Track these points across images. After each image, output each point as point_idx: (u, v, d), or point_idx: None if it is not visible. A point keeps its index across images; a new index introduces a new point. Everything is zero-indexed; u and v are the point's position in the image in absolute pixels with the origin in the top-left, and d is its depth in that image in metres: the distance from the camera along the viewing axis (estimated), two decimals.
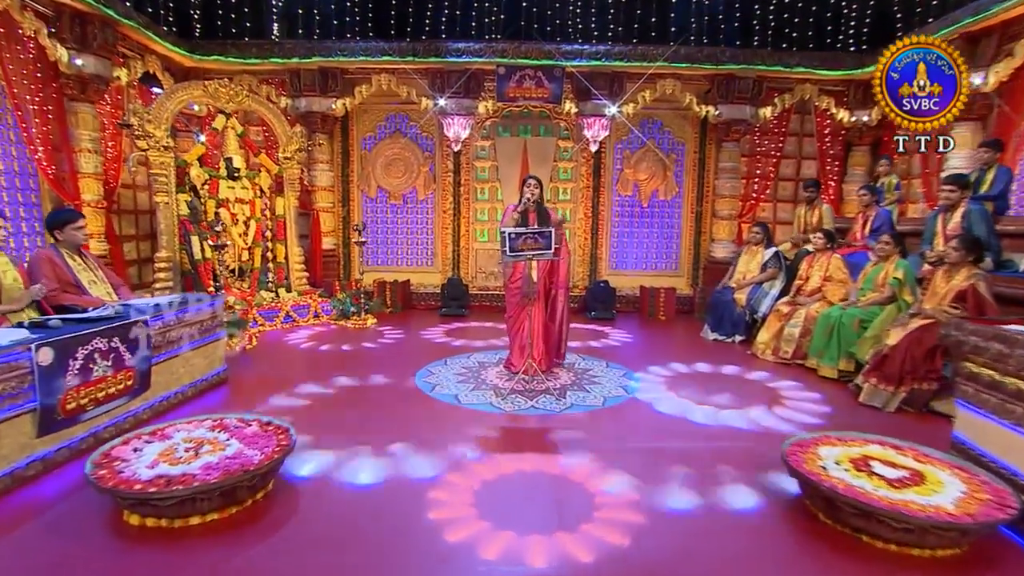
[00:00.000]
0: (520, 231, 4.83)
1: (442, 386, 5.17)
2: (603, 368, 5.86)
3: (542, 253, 4.92)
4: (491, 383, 5.27)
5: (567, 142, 9.39)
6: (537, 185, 5.39)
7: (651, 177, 9.36)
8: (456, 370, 5.70)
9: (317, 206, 9.07)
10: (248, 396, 4.79)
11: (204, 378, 4.82)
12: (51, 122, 6.56)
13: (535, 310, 5.47)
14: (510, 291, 5.62)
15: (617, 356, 6.37)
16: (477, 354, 6.34)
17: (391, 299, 8.82)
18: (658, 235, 9.55)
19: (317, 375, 5.40)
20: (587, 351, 6.56)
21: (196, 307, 4.72)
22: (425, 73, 8.63)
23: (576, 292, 9.17)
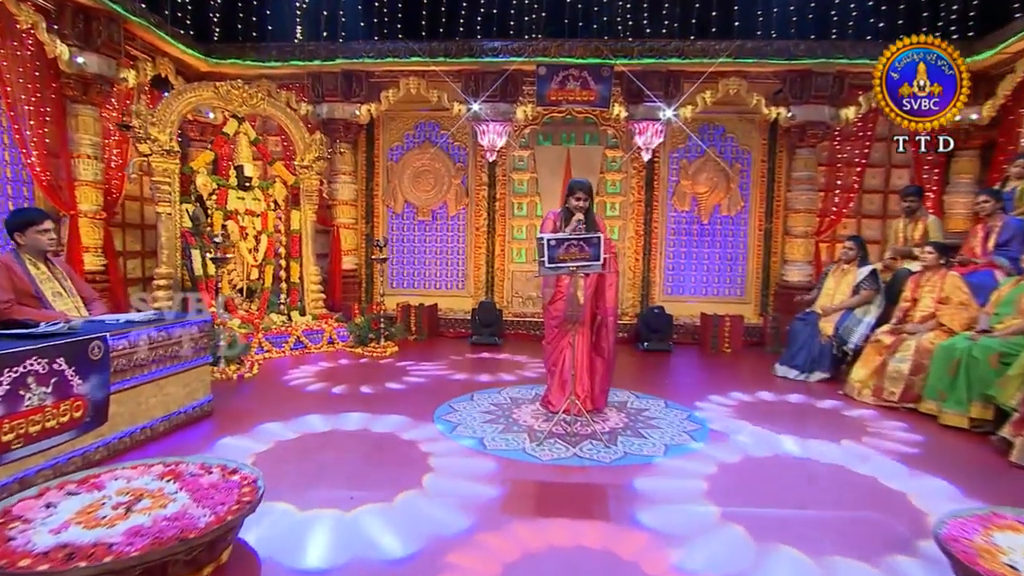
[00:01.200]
0: (562, 237, 4.13)
1: (465, 426, 4.45)
2: (661, 408, 5.04)
3: (589, 265, 4.20)
4: (525, 424, 4.53)
5: (616, 151, 8.72)
6: (586, 196, 4.69)
7: (712, 190, 8.58)
8: (484, 407, 4.98)
9: (337, 221, 8.61)
10: (233, 433, 4.17)
11: (182, 410, 4.24)
12: (48, 124, 6.27)
13: (579, 338, 4.76)
14: (550, 315, 4.91)
15: (677, 393, 5.54)
16: (510, 389, 5.61)
17: (416, 325, 8.19)
18: (721, 256, 8.70)
19: (318, 409, 4.76)
20: (641, 387, 5.75)
21: (175, 325, 4.16)
22: (458, 75, 8.16)
23: (626, 320, 8.37)
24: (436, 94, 8.15)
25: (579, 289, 4.74)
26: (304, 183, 7.80)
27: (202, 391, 4.49)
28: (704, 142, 8.56)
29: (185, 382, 4.29)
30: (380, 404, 4.98)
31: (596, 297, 4.85)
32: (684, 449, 4.05)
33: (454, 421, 4.57)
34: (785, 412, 4.99)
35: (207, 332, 4.55)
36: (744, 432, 4.42)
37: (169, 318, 4.15)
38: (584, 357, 4.80)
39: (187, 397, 4.30)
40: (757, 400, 5.36)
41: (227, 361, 5.82)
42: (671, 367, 6.78)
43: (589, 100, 7.93)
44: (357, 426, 4.40)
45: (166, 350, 4.06)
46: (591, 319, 4.86)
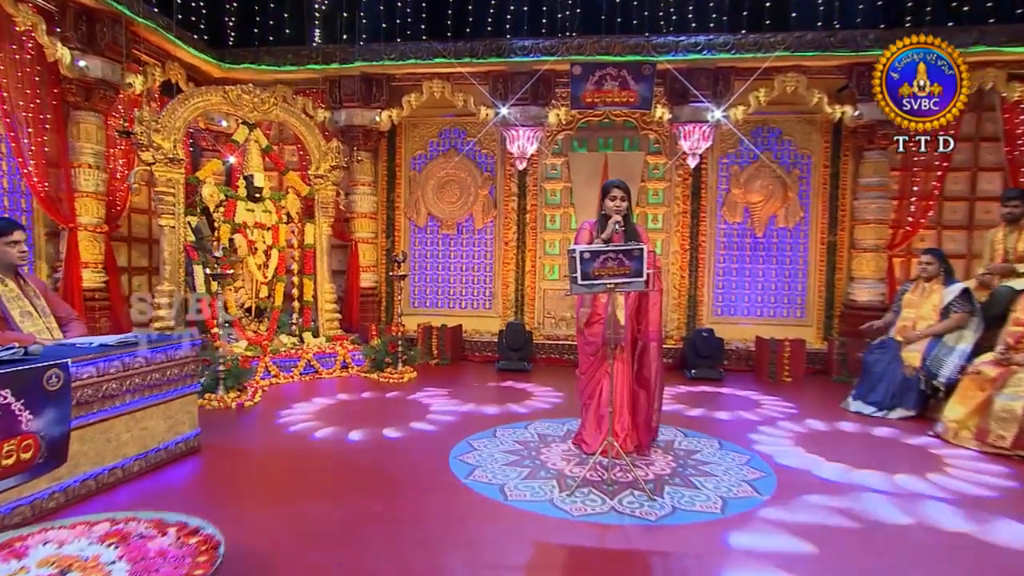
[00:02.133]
0: (597, 249, 3.64)
1: (484, 468, 3.96)
2: (715, 449, 4.46)
3: (629, 282, 3.68)
4: (554, 468, 4.01)
5: (658, 157, 8.20)
6: (624, 196, 4.24)
7: (767, 199, 7.96)
8: (507, 445, 4.48)
9: (356, 236, 8.27)
10: (221, 472, 3.77)
11: (163, 446, 3.85)
12: (48, 132, 6.09)
13: (619, 366, 4.26)
14: (585, 340, 4.42)
15: (733, 430, 4.94)
16: (538, 423, 5.09)
17: (438, 348, 7.75)
18: (777, 272, 8.05)
19: (318, 445, 4.34)
20: (690, 423, 5.16)
21: (157, 350, 3.79)
22: (485, 77, 7.79)
23: (670, 344, 7.78)
24: (462, 98, 7.80)
25: (619, 309, 4.24)
26: (319, 194, 7.49)
27: (189, 424, 4.10)
28: (758, 146, 7.97)
29: (168, 414, 3.91)
30: (387, 441, 4.52)
31: (638, 315, 4.35)
32: (747, 504, 3.46)
33: (472, 463, 4.07)
34: (867, 457, 4.34)
35: (196, 357, 4.17)
36: (818, 482, 3.81)
37: (148, 341, 3.78)
38: (624, 388, 4.30)
39: (169, 431, 3.92)
40: (828, 441, 4.72)
41: (226, 388, 5.46)
42: (723, 398, 6.16)
43: (629, 101, 7.46)
44: (355, 462, 3.94)
45: (144, 378, 3.68)
46: (632, 343, 4.35)
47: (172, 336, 4.06)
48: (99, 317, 6.39)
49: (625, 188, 4.29)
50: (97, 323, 6.35)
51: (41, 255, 6.32)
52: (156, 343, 3.80)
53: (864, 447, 4.60)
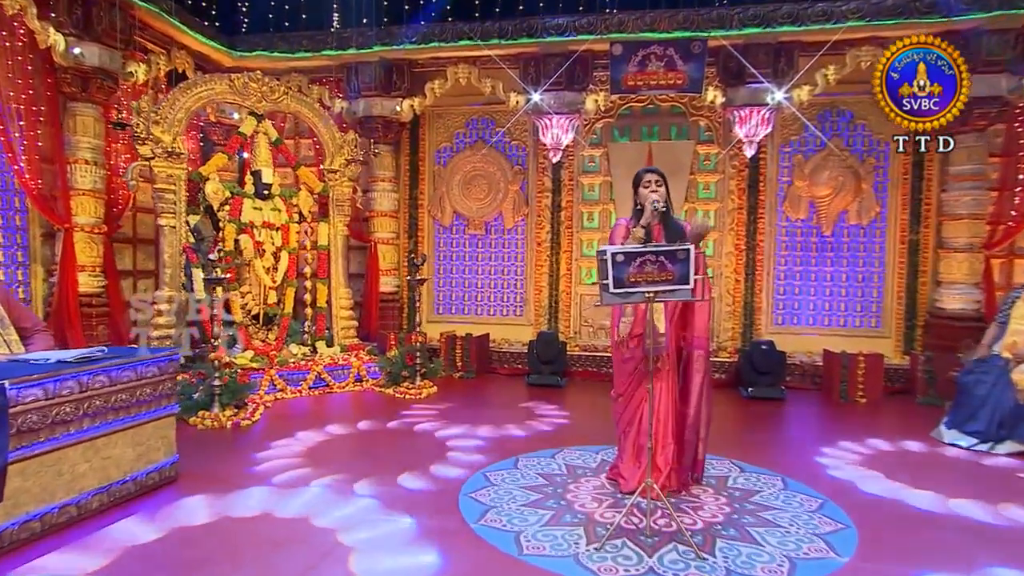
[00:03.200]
0: (632, 250, 3.12)
1: (499, 509, 3.48)
2: (778, 488, 3.87)
3: (673, 290, 3.15)
4: (582, 511, 3.50)
5: (710, 146, 7.59)
6: (660, 181, 3.77)
7: (836, 192, 7.26)
8: (529, 479, 3.99)
9: (375, 236, 7.91)
10: (196, 505, 3.39)
11: (131, 478, 3.49)
12: (42, 125, 5.91)
13: (662, 386, 3.77)
14: (621, 356, 3.92)
15: (800, 466, 4.33)
16: (568, 451, 4.59)
17: (462, 359, 7.30)
18: (849, 276, 7.34)
19: (308, 472, 3.93)
20: (746, 453, 4.57)
21: (125, 367, 3.43)
22: (515, 60, 7.34)
23: (723, 358, 7.16)
24: (489, 84, 7.37)
25: (659, 316, 3.72)
26: (334, 191, 7.16)
27: (164, 451, 3.74)
28: (826, 132, 7.28)
29: (138, 440, 3.55)
30: (386, 466, 4.09)
31: (682, 323, 3.82)
32: (822, 569, 2.88)
33: (485, 502, 3.59)
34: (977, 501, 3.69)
35: (173, 374, 3.81)
36: (912, 536, 3.19)
37: (114, 357, 3.42)
38: (669, 413, 3.78)
39: (139, 460, 3.56)
40: (921, 479, 4.06)
41: (222, 405, 5.13)
42: (786, 423, 5.53)
43: (676, 84, 6.89)
44: (349, 496, 3.50)
45: (107, 400, 3.32)
46: (676, 358, 3.82)
47: (143, 350, 3.71)
48: (96, 325, 6.17)
49: (660, 174, 3.80)
50: (94, 331, 6.14)
51: (36, 258, 6.13)
52: (123, 359, 3.44)
53: (970, 495, 3.93)
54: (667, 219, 3.82)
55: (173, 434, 3.82)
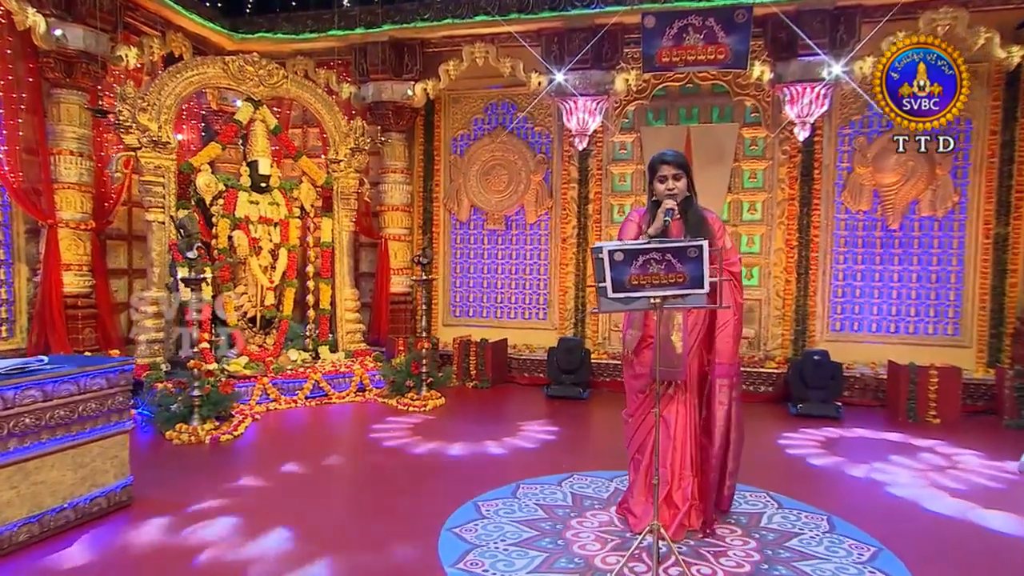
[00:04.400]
0: (634, 247, 2.71)
1: (484, 552, 3.12)
2: (823, 531, 3.40)
3: (684, 295, 2.74)
4: (580, 554, 3.11)
5: (757, 129, 7.07)
6: (679, 172, 3.34)
7: (906, 179, 6.65)
8: (527, 511, 3.63)
9: (386, 232, 7.66)
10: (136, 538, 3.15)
11: (70, 504, 3.26)
12: (23, 113, 5.82)
13: (678, 409, 3.39)
14: (632, 371, 3.53)
15: (852, 503, 3.83)
16: (579, 476, 4.20)
17: (476, 367, 6.96)
18: (920, 276, 6.71)
19: (272, 510, 3.65)
20: (788, 484, 4.10)
21: (63, 380, 3.20)
22: (537, 37, 6.97)
23: (770, 368, 6.64)
24: (509, 64, 7.03)
25: (675, 329, 3.32)
26: (339, 183, 6.94)
27: (114, 473, 3.51)
28: None
29: (80, 462, 3.32)
30: (361, 497, 3.77)
31: (703, 337, 3.39)
32: None
33: (470, 540, 3.24)
34: None
35: (125, 386, 3.58)
36: None
37: (52, 368, 3.20)
38: (686, 440, 3.39)
39: (82, 484, 3.33)
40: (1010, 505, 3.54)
41: (202, 417, 4.91)
42: (841, 449, 5.00)
43: (717, 59, 6.38)
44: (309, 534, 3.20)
45: (40, 417, 3.10)
46: (698, 379, 3.39)
47: (89, 360, 3.49)
48: (83, 328, 6.07)
49: (680, 163, 3.37)
50: (80, 335, 6.04)
51: (20, 256, 6.06)
52: (61, 372, 3.21)
53: None
54: (687, 209, 3.40)
55: (126, 454, 3.59)
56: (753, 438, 5.09)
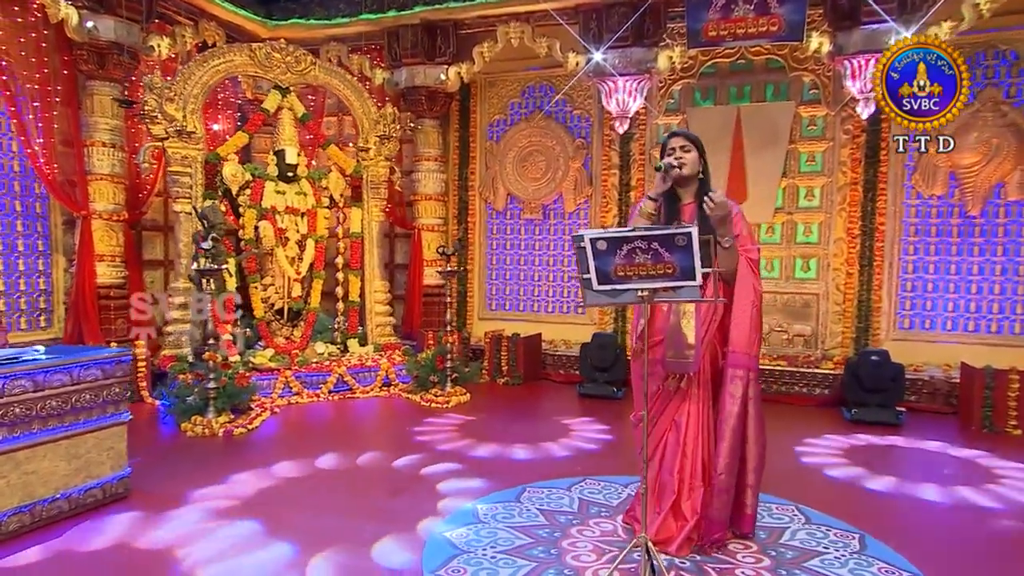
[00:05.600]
0: (617, 235, 2.58)
1: (471, 556, 3.06)
2: (849, 553, 3.16)
3: (676, 287, 2.59)
4: (573, 564, 3.01)
5: (816, 108, 6.69)
6: (688, 148, 3.18)
7: (989, 159, 6.17)
8: (527, 517, 3.54)
9: (419, 222, 7.68)
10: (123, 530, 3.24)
11: (63, 495, 3.37)
12: (58, 106, 6.10)
13: (691, 411, 3.23)
14: (641, 364, 3.36)
15: (888, 520, 3.56)
16: (591, 481, 4.09)
17: (508, 363, 6.89)
18: (1005, 268, 6.22)
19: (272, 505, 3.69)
20: (826, 496, 3.85)
21: (52, 371, 3.32)
22: (574, 13, 6.82)
23: (826, 369, 6.30)
24: (546, 44, 6.88)
25: (686, 315, 3.16)
26: (368, 172, 6.97)
27: (110, 464, 3.62)
28: (977, 81, 6.15)
29: (74, 453, 3.44)
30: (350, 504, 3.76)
31: (719, 335, 3.20)
32: None
33: (458, 545, 3.18)
34: None
35: (122, 377, 3.69)
36: None
37: (45, 359, 3.32)
38: (697, 447, 3.21)
39: (76, 475, 3.45)
40: None
41: (217, 410, 5.04)
42: (894, 460, 4.68)
43: (770, 31, 6.09)
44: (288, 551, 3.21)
45: (31, 408, 3.22)
46: (713, 378, 3.21)
47: (85, 351, 3.61)
48: (115, 318, 6.31)
49: (690, 137, 3.22)
50: (113, 324, 6.28)
51: (58, 247, 6.38)
52: (53, 362, 3.33)
53: None
54: (703, 195, 3.22)
55: (123, 446, 3.70)
56: (791, 442, 4.88)
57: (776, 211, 6.86)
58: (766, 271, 6.91)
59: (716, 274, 2.82)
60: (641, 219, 3.18)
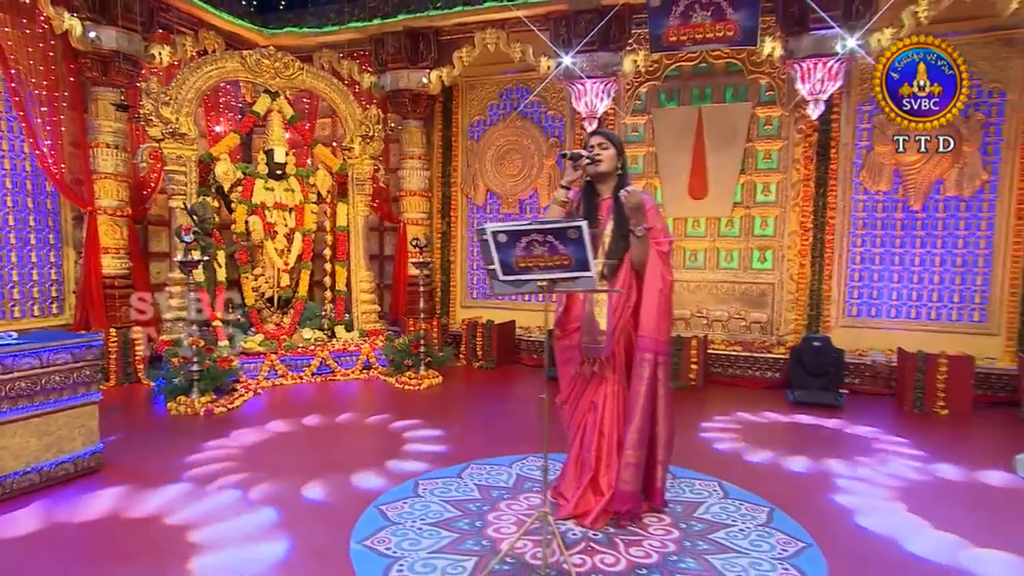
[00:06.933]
0: (515, 228, 2.54)
1: (400, 528, 3.04)
2: (752, 528, 3.11)
3: (573, 278, 2.55)
4: (490, 537, 2.98)
5: (771, 108, 6.57)
6: (606, 146, 3.14)
7: (930, 157, 6.02)
8: (464, 492, 3.52)
9: (405, 217, 7.64)
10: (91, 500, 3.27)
11: (34, 468, 3.40)
12: (65, 110, 6.12)
13: (608, 392, 3.19)
14: (560, 352, 3.34)
15: (799, 496, 3.51)
16: (532, 459, 4.04)
17: (483, 348, 6.87)
18: (944, 259, 6.09)
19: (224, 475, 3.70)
20: (750, 473, 3.80)
21: (20, 355, 3.34)
22: (545, 20, 6.72)
23: (776, 354, 6.22)
24: (520, 49, 6.80)
25: (598, 304, 3.13)
26: (353, 169, 6.94)
27: (82, 440, 3.65)
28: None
29: (46, 430, 3.47)
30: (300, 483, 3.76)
31: (633, 323, 3.16)
32: None
33: (392, 518, 3.17)
34: None
35: (92, 361, 3.70)
36: None
37: (15, 343, 3.35)
38: (614, 426, 3.20)
39: (48, 450, 3.47)
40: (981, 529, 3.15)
41: (201, 391, 5.06)
42: (826, 437, 4.60)
43: (726, 36, 5.96)
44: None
45: (0, 388, 3.25)
46: (626, 359, 3.16)
47: (56, 337, 3.63)
48: (120, 306, 6.35)
49: (609, 136, 3.20)
50: (118, 312, 6.32)
51: (68, 240, 6.41)
52: (22, 347, 3.35)
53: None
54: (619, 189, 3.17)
55: (95, 423, 3.72)
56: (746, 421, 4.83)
57: (735, 205, 6.74)
58: (726, 262, 6.83)
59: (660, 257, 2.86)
60: (554, 207, 3.16)
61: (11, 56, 5.72)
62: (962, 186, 5.96)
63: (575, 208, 3.26)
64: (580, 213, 3.22)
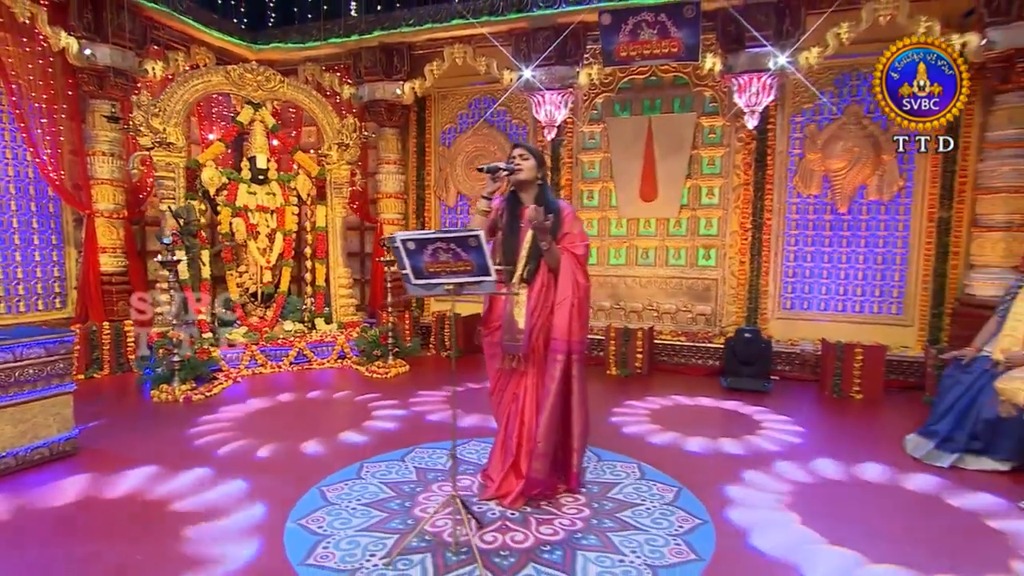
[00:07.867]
0: (424, 236, 2.55)
1: (335, 508, 3.07)
2: (657, 507, 3.14)
3: (476, 282, 2.57)
4: (416, 516, 3.00)
5: (714, 119, 6.56)
6: (527, 156, 3.15)
7: (853, 164, 6.03)
8: (403, 474, 3.54)
9: (382, 217, 7.62)
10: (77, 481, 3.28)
11: (10, 453, 3.42)
12: (64, 121, 6.09)
13: (528, 385, 3.19)
14: (487, 347, 3.36)
15: (707, 476, 3.53)
16: (475, 443, 4.07)
17: (451, 339, 6.87)
18: (866, 257, 6.11)
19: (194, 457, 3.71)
20: (665, 455, 3.83)
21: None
22: (508, 37, 6.69)
23: (716, 344, 6.24)
24: (485, 63, 6.76)
25: (518, 308, 3.13)
26: (331, 174, 6.91)
27: (57, 427, 3.66)
28: (845, 98, 6.04)
29: (21, 418, 3.48)
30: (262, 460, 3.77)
31: (548, 316, 3.16)
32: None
33: (331, 499, 3.19)
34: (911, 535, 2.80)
35: (66, 354, 3.71)
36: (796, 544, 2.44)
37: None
38: (533, 414, 3.19)
39: (23, 436, 3.49)
40: (857, 494, 3.18)
41: (181, 380, 5.07)
42: (744, 424, 4.62)
43: (671, 53, 5.95)
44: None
45: None
46: (545, 355, 3.17)
47: (31, 332, 3.63)
48: (117, 301, 6.34)
49: (530, 149, 3.22)
50: (115, 307, 6.31)
51: (69, 241, 6.40)
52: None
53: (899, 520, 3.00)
54: (542, 201, 3.17)
55: (69, 411, 3.73)
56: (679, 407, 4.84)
57: (682, 208, 6.74)
58: (674, 259, 6.83)
59: (573, 260, 3.04)
60: (476, 216, 3.16)
61: (12, 72, 5.69)
62: (882, 191, 5.97)
63: (499, 215, 3.26)
64: (504, 220, 3.23)
